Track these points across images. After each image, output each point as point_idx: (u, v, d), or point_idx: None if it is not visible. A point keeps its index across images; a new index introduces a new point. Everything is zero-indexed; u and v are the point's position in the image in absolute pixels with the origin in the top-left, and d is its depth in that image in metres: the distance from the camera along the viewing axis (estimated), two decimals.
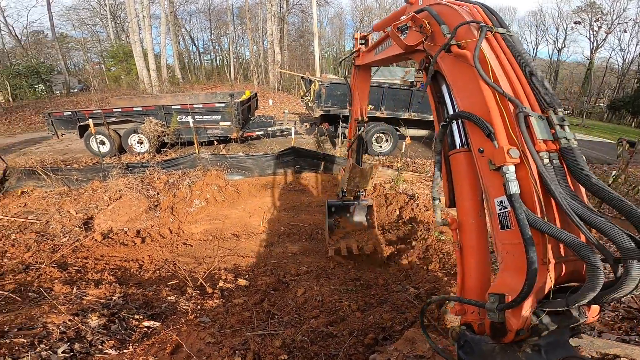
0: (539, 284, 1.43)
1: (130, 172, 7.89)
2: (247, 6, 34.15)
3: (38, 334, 3.33)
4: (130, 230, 6.58)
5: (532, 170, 1.55)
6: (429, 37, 2.17)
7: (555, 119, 1.63)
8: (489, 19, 1.99)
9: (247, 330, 3.70)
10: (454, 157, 2.06)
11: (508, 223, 1.60)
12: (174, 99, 12.54)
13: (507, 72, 1.78)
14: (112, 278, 5.10)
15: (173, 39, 33.14)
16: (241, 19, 41.68)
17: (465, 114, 1.82)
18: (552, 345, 1.50)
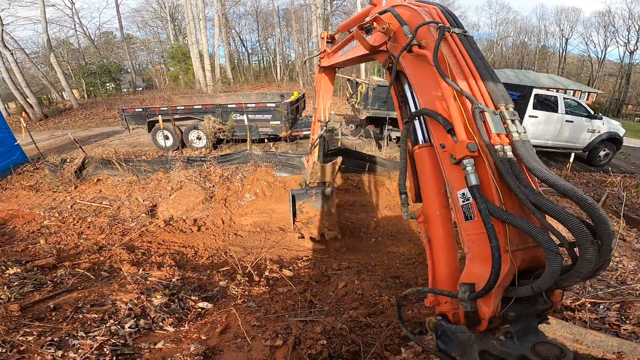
0: (504, 271, 1.50)
1: (190, 165, 8.53)
2: (293, 8, 34.77)
3: (108, 310, 3.64)
4: (188, 219, 7.13)
5: (489, 162, 1.63)
6: (391, 37, 2.22)
7: (507, 113, 1.71)
8: (446, 19, 2.04)
9: (289, 316, 3.88)
10: (418, 153, 2.12)
11: (471, 214, 1.67)
12: (228, 98, 13.20)
13: (463, 70, 1.84)
14: (171, 262, 5.53)
15: (225, 41, 34.29)
16: (287, 20, 42.46)
17: (427, 111, 1.90)
18: (523, 332, 1.55)
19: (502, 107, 1.74)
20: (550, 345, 1.43)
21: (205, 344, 3.24)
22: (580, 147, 11.06)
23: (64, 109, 23.15)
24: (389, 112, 10.45)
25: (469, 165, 1.62)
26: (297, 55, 37.59)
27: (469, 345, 1.66)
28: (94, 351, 2.95)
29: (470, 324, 1.63)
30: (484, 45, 51.25)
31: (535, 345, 1.45)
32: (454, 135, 1.73)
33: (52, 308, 3.69)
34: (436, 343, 1.85)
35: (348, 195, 8.24)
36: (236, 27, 45.70)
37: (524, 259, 1.57)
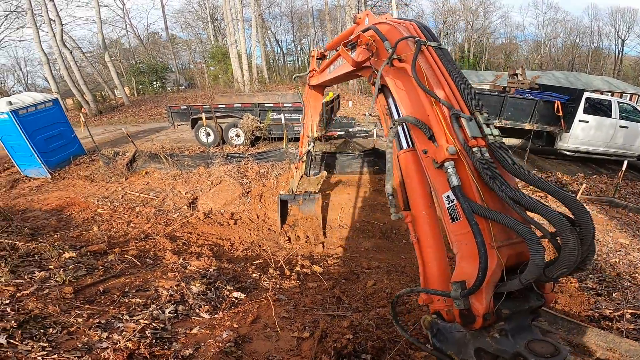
0: (492, 267, 1.56)
1: (229, 161, 8.92)
2: (327, 9, 34.73)
3: (151, 296, 3.88)
4: (225, 212, 7.42)
5: (468, 163, 1.73)
6: (374, 53, 2.37)
7: (481, 118, 1.81)
8: (423, 34, 2.19)
9: (317, 310, 3.99)
10: (402, 157, 2.25)
11: (457, 215, 1.75)
12: (265, 97, 13.56)
13: (440, 80, 1.96)
14: (209, 252, 5.77)
15: (261, 41, 34.53)
16: (321, 21, 42.53)
17: (409, 118, 2.02)
18: (517, 329, 1.58)
19: (476, 113, 1.84)
20: (545, 343, 1.46)
21: (237, 332, 3.42)
22: (634, 155, 10.32)
23: (116, 106, 24.67)
24: None
25: (450, 167, 1.73)
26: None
27: (464, 343, 1.70)
28: (137, 334, 3.11)
29: (465, 322, 1.67)
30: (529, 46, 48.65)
31: (530, 342, 1.48)
32: (435, 141, 1.84)
33: (102, 292, 3.97)
34: (432, 341, 1.89)
35: (380, 197, 8.22)
36: (272, 28, 46.45)
37: (511, 255, 1.63)
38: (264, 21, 39.71)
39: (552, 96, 10.02)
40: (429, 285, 2.01)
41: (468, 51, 43.60)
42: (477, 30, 44.57)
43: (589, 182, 9.30)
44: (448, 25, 44.19)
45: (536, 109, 9.88)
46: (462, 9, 43.06)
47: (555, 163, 11.30)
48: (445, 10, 44.42)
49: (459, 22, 44.70)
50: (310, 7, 41.56)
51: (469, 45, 43.59)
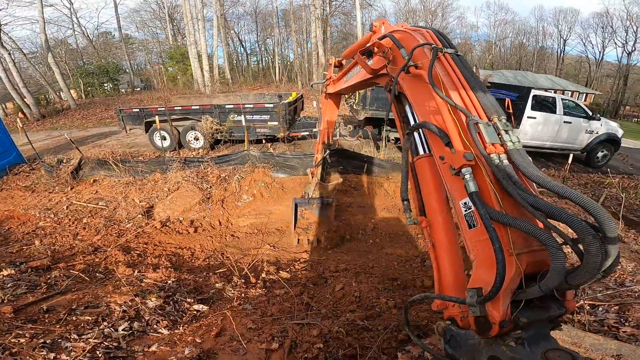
0: (510, 274, 1.52)
1: (187, 166, 8.48)
2: (292, 9, 34.86)
3: (102, 312, 3.61)
4: (185, 220, 7.09)
5: (486, 170, 1.72)
6: (391, 61, 2.39)
7: (500, 124, 1.80)
8: (439, 41, 2.22)
9: (286, 319, 3.85)
10: (419, 163, 2.27)
11: (474, 222, 1.73)
12: (226, 98, 13.18)
13: (457, 87, 1.97)
14: (167, 263, 5.48)
15: (223, 41, 34.28)
16: (286, 21, 42.52)
17: (426, 124, 2.02)
18: (535, 338, 1.55)
19: (495, 118, 1.84)
20: (562, 352, 1.43)
21: (200, 347, 3.22)
22: (578, 148, 11.07)
23: (62, 109, 23.11)
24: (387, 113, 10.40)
25: (467, 173, 1.71)
26: (296, 56, 37.63)
27: (478, 350, 1.67)
28: (87, 354, 2.92)
29: (480, 330, 1.63)
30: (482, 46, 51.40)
31: (547, 352, 1.44)
32: (452, 147, 1.82)
33: (46, 310, 3.66)
34: (444, 348, 1.86)
35: (346, 197, 8.19)
36: (235, 28, 45.82)
37: (530, 262, 1.59)
38: (227, 21, 39.04)
39: (502, 94, 10.51)
40: (444, 291, 1.98)
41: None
42: None
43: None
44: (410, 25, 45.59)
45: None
46: (422, 9, 44.64)
47: None
48: (406, 11, 45.93)
49: (419, 22, 46.25)
50: (275, 7, 41.34)
51: None
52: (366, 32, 11.60)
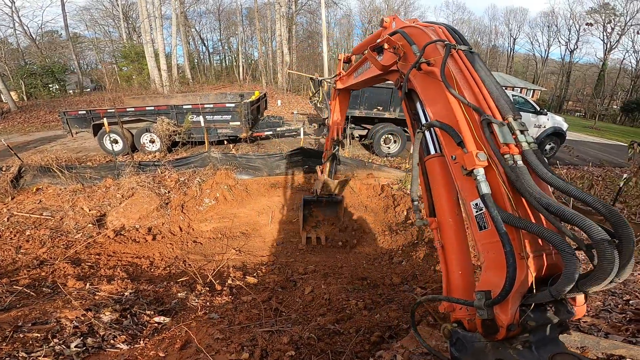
0: (520, 278, 1.49)
1: (142, 170, 8.00)
2: (256, 7, 34.35)
3: (52, 329, 3.36)
4: (141, 228, 6.69)
5: (499, 171, 1.67)
6: (402, 57, 2.34)
7: (515, 125, 1.74)
8: (452, 37, 2.16)
9: (255, 327, 3.72)
10: (429, 162, 2.23)
11: (485, 224, 1.70)
12: (185, 98, 12.68)
13: (470, 85, 1.91)
14: (124, 274, 5.18)
15: (183, 39, 33.38)
16: (250, 19, 41.94)
17: (437, 123, 1.96)
18: (542, 341, 1.53)
19: (510, 118, 1.77)
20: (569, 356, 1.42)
21: None
22: None
23: (1, 113, 21.17)
24: (351, 110, 10.42)
25: (479, 174, 1.67)
26: (260, 55, 37.17)
27: (484, 353, 1.64)
28: None
29: (487, 332, 1.60)
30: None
31: (554, 356, 1.43)
32: (464, 147, 1.77)
33: None
34: (450, 350, 1.83)
35: None
36: (196, 26, 44.43)
37: (542, 266, 1.56)
38: (187, 19, 37.70)
39: None
40: (452, 293, 1.95)
41: None
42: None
43: None
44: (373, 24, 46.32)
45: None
46: (386, 8, 45.50)
47: None
48: (370, 10, 46.55)
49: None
50: (239, 5, 40.37)
51: None
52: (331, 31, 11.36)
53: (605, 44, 39.01)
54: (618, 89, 42.08)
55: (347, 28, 49.26)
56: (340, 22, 49.02)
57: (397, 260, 5.60)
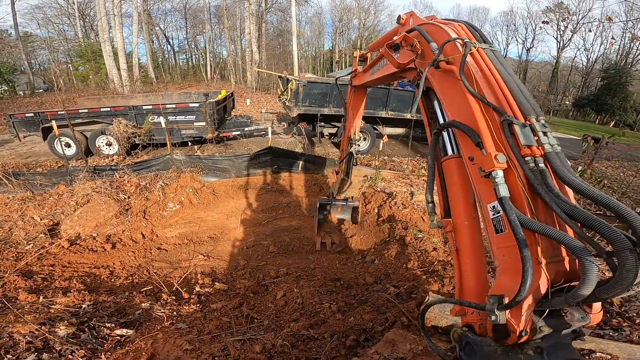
0: (535, 283, 1.46)
1: (98, 175, 7.53)
2: (225, 5, 33.66)
3: (4, 344, 3.18)
4: (99, 236, 6.29)
5: (519, 174, 1.61)
6: (419, 55, 2.29)
7: (538, 125, 1.70)
8: (472, 35, 2.13)
9: (226, 336, 3.60)
10: (446, 164, 2.16)
11: (502, 227, 1.65)
12: (145, 99, 12.11)
13: (491, 84, 1.86)
14: (80, 286, 4.87)
15: (146, 38, 32.19)
16: (218, 17, 40.97)
17: (455, 123, 1.90)
18: (555, 347, 1.50)
19: (532, 119, 1.72)
20: None
21: None
22: None
23: None
24: (320, 109, 10.35)
25: (498, 176, 1.61)
26: (229, 53, 36.44)
27: (493, 358, 1.61)
28: None
29: (497, 337, 1.57)
30: None
31: None
32: (483, 148, 1.71)
33: None
34: (459, 355, 1.80)
35: (282, 197, 7.96)
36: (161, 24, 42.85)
37: (559, 272, 1.52)
38: (151, 17, 36.22)
39: None
40: (465, 297, 1.90)
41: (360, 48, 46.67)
42: (368, 28, 48.19)
43: None
44: (343, 23, 46.62)
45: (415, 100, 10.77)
46: (356, 7, 45.88)
47: None
48: (341, 9, 46.86)
49: (353, 20, 47.63)
50: (207, 3, 39.15)
51: (360, 43, 46.68)
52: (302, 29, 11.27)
53: (558, 42, 41.26)
54: (570, 86, 44.75)
55: (318, 26, 49.45)
56: (311, 20, 49.10)
57: (370, 259, 5.57)
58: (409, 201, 6.94)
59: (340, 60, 44.96)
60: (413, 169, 10.10)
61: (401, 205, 6.71)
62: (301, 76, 10.62)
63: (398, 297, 4.14)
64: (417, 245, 5.34)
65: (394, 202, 6.87)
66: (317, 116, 10.54)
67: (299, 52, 30.74)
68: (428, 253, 5.04)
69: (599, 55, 40.10)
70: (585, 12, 37.84)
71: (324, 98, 10.28)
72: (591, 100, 34.54)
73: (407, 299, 3.98)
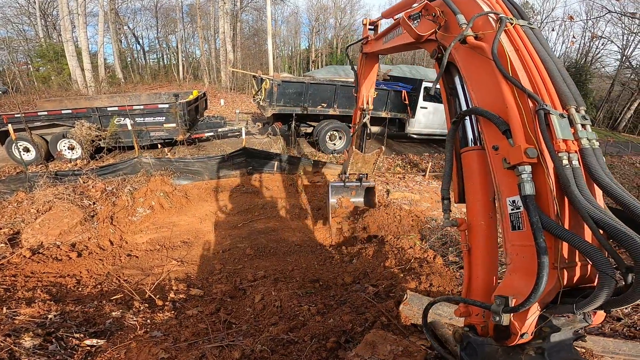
0: (548, 288, 1.39)
1: (60, 181, 7.13)
2: (198, 4, 32.83)
3: None
4: (63, 244, 5.96)
5: (549, 171, 1.47)
6: (442, 26, 2.09)
7: (577, 117, 1.54)
8: (508, 10, 1.90)
9: (203, 343, 3.47)
10: (466, 155, 1.98)
11: (520, 224, 1.55)
12: (111, 100, 11.58)
13: (528, 67, 1.67)
14: (46, 296, 4.63)
15: (113, 37, 30.94)
16: (191, 16, 39.86)
17: (479, 110, 1.73)
18: (556, 349, 1.49)
19: (572, 109, 1.55)
20: None
21: None
22: None
23: None
24: (295, 108, 10.27)
25: (525, 172, 1.46)
26: (202, 53, 35.65)
27: (494, 358, 1.60)
28: None
29: (499, 338, 1.56)
30: None
31: None
32: (510, 137, 1.54)
33: None
34: (460, 355, 1.79)
35: (258, 198, 7.82)
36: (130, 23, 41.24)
37: (573, 277, 1.46)
38: (119, 16, 34.79)
39: (399, 86, 11.24)
40: (471, 298, 1.81)
41: (336, 47, 46.84)
42: (344, 28, 48.24)
43: (433, 161, 10.86)
44: (320, 22, 46.53)
45: (389, 99, 10.96)
46: (333, 6, 45.91)
47: (408, 146, 12.92)
48: (318, 8, 46.76)
49: (330, 19, 47.66)
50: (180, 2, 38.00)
51: (337, 42, 46.79)
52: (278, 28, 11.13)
53: None
54: None
55: (294, 26, 49.04)
56: (288, 19, 48.61)
57: (348, 259, 5.55)
58: (385, 199, 6.99)
59: (317, 60, 44.93)
60: (388, 167, 10.21)
61: (377, 202, 6.75)
62: (275, 75, 10.48)
63: (377, 296, 4.13)
64: (394, 243, 5.36)
65: None
66: (292, 116, 10.45)
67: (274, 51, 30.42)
68: (405, 251, 5.07)
69: (561, 54, 41.89)
70: (548, 12, 39.30)
71: (299, 97, 10.20)
72: None
73: (386, 298, 3.97)
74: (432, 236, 5.41)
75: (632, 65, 32.04)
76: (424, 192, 7.70)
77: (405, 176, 8.97)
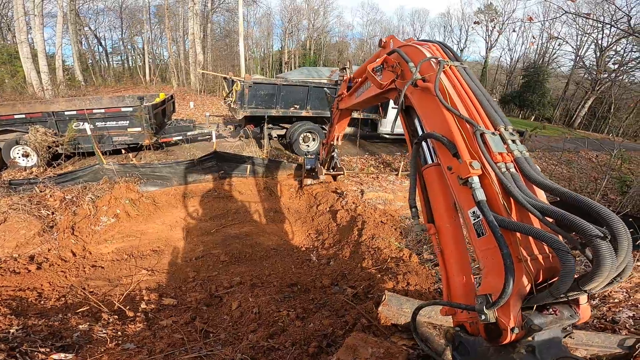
0: (519, 280, 1.54)
1: (15, 190, 6.65)
2: (167, 4, 31.77)
3: None
4: (21, 257, 5.58)
5: (492, 178, 1.75)
6: (400, 75, 2.50)
7: (506, 134, 1.88)
8: (445, 54, 2.33)
9: (180, 354, 3.37)
10: (427, 172, 2.30)
11: (482, 230, 1.74)
12: (69, 103, 10.94)
13: (463, 98, 2.05)
14: (5, 310, 4.36)
15: (73, 39, 29.37)
16: (159, 17, 38.57)
17: (433, 134, 2.05)
18: (546, 346, 1.56)
19: (501, 128, 1.89)
20: None
21: None
22: None
23: None
24: (267, 110, 10.14)
25: (474, 182, 1.73)
26: (170, 54, 34.59)
27: (486, 357, 1.67)
28: None
29: (491, 337, 1.63)
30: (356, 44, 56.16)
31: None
32: (459, 157, 1.84)
33: None
34: (452, 354, 1.89)
35: (231, 203, 7.64)
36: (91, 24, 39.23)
37: (541, 269, 1.59)
38: (80, 16, 33.03)
39: None
40: (452, 298, 1.98)
41: (309, 49, 46.77)
42: (317, 29, 48.39)
43: (405, 160, 11.04)
44: (293, 23, 46.30)
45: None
46: (306, 8, 45.87)
47: (380, 146, 13.09)
48: (291, 9, 46.60)
49: (303, 21, 47.61)
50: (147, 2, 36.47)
51: (310, 43, 46.69)
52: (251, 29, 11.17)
53: (487, 43, 44.38)
54: (497, 84, 48.56)
55: (267, 27, 48.62)
56: (260, 21, 48.08)
57: (325, 261, 5.52)
58: (359, 199, 7.03)
59: (290, 61, 44.74)
60: (362, 167, 10.29)
61: (352, 204, 6.78)
62: (246, 77, 10.29)
63: (356, 297, 4.14)
64: (370, 244, 5.39)
65: (345, 201, 6.92)
66: (265, 118, 10.31)
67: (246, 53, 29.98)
68: (381, 251, 5.10)
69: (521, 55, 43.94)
70: (510, 13, 41.11)
71: (271, 99, 10.08)
72: (514, 97, 37.75)
73: (365, 299, 3.98)
74: (408, 235, 5.49)
75: (586, 65, 34.15)
76: (397, 191, 7.80)
77: (378, 176, 9.07)
